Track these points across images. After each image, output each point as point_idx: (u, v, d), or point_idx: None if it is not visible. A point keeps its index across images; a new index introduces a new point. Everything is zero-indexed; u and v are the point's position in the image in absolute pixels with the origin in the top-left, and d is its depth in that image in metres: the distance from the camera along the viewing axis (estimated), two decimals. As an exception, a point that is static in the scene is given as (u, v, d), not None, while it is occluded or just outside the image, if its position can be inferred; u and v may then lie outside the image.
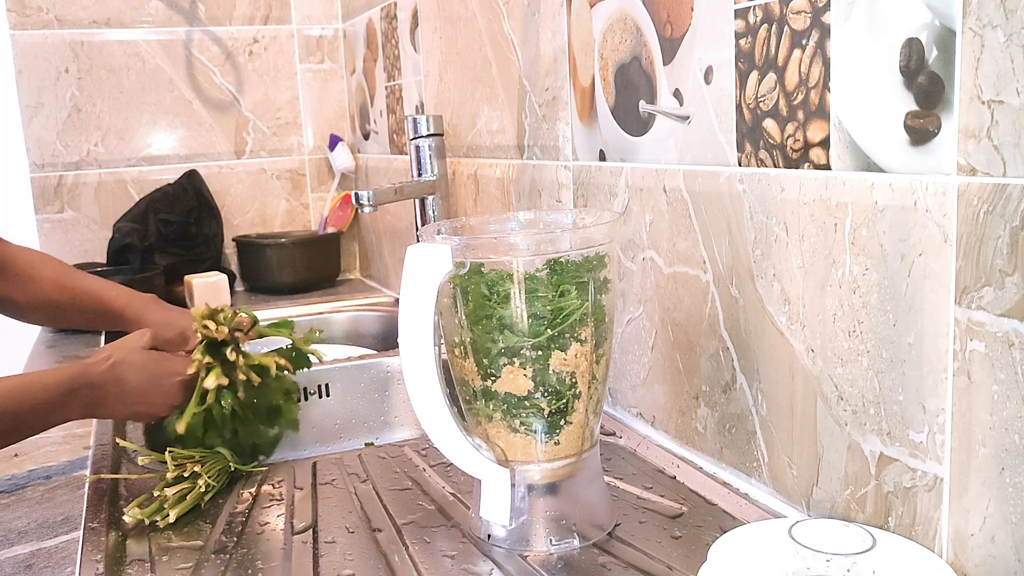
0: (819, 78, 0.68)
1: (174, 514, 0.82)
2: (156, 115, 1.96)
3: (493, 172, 1.29)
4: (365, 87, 1.93)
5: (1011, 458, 0.56)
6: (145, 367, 0.95)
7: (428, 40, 1.51)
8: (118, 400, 0.93)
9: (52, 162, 1.89)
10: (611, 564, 0.72)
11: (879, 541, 0.62)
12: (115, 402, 0.94)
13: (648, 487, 0.86)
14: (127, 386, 0.93)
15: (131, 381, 0.93)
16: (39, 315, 1.19)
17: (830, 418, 0.71)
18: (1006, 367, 0.55)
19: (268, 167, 2.06)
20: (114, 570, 0.75)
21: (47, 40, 1.86)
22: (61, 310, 1.13)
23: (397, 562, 0.74)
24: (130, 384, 0.93)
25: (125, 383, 0.93)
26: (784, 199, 0.73)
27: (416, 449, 1.00)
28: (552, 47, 1.08)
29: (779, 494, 0.78)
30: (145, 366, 0.95)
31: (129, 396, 0.94)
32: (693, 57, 0.82)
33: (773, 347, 0.76)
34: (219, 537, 0.81)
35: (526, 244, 0.74)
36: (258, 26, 2.01)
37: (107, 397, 0.93)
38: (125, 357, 0.94)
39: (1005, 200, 0.54)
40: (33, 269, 1.12)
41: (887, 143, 0.62)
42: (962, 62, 0.56)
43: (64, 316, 1.16)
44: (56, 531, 0.82)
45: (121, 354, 0.94)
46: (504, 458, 0.75)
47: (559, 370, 0.73)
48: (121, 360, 0.93)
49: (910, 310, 0.62)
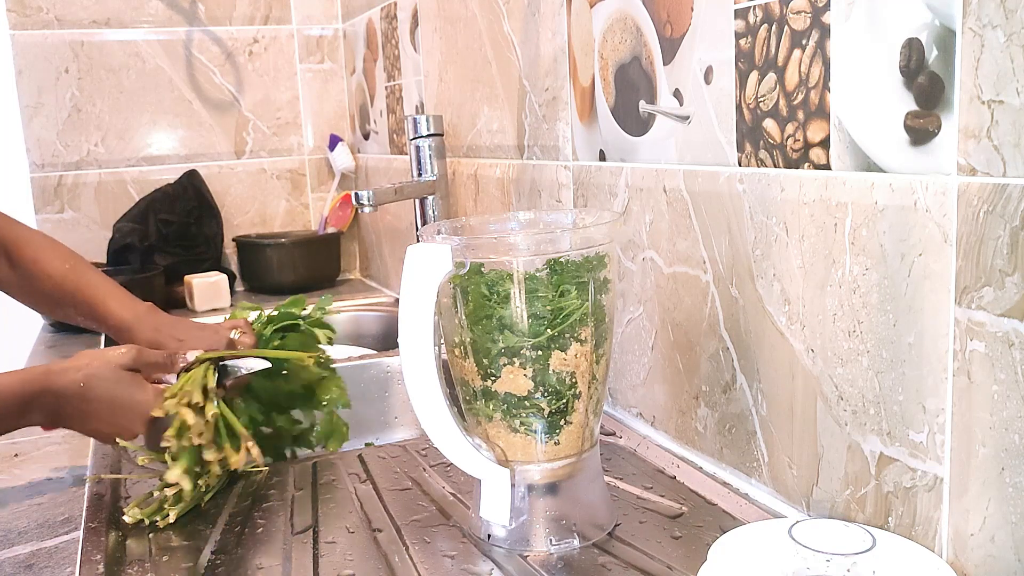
0: (819, 78, 0.68)
1: (174, 514, 0.82)
2: (156, 115, 1.96)
3: (493, 172, 1.29)
4: (365, 87, 1.93)
5: (1011, 458, 0.56)
6: (115, 388, 0.88)
7: (428, 40, 1.51)
8: (77, 416, 0.88)
9: (52, 162, 1.89)
10: (611, 564, 0.72)
11: (879, 541, 0.62)
12: (75, 416, 0.89)
13: (648, 487, 0.86)
14: (90, 405, 0.88)
15: (96, 400, 0.88)
16: (39, 307, 1.18)
17: (830, 418, 0.71)
18: (1006, 367, 0.55)
19: (268, 167, 2.06)
20: (114, 570, 0.75)
21: (47, 40, 1.86)
22: (61, 308, 1.11)
23: (397, 562, 0.74)
24: (93, 404, 0.88)
25: (89, 401, 0.87)
26: (784, 199, 0.73)
27: (416, 449, 1.00)
28: (552, 47, 1.08)
29: (779, 494, 0.78)
30: (115, 387, 0.88)
31: (90, 416, 0.88)
32: (693, 57, 0.82)
33: (773, 347, 0.76)
34: (219, 537, 0.81)
35: (526, 244, 0.74)
36: (258, 26, 2.01)
37: (68, 410, 0.88)
38: (99, 372, 0.88)
39: (1005, 200, 0.54)
40: (38, 264, 1.09)
41: (887, 143, 0.62)
42: (962, 62, 0.56)
43: (63, 315, 1.14)
44: (56, 531, 0.82)
45: (95, 367, 0.88)
46: (504, 458, 0.75)
47: (559, 370, 0.73)
48: (93, 374, 0.88)
49: (910, 310, 0.62)
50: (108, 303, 1.08)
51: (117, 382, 0.88)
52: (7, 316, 1.39)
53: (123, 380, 0.89)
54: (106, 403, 0.88)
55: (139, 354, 0.91)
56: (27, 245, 1.09)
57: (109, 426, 0.89)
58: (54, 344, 1.56)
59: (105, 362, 0.89)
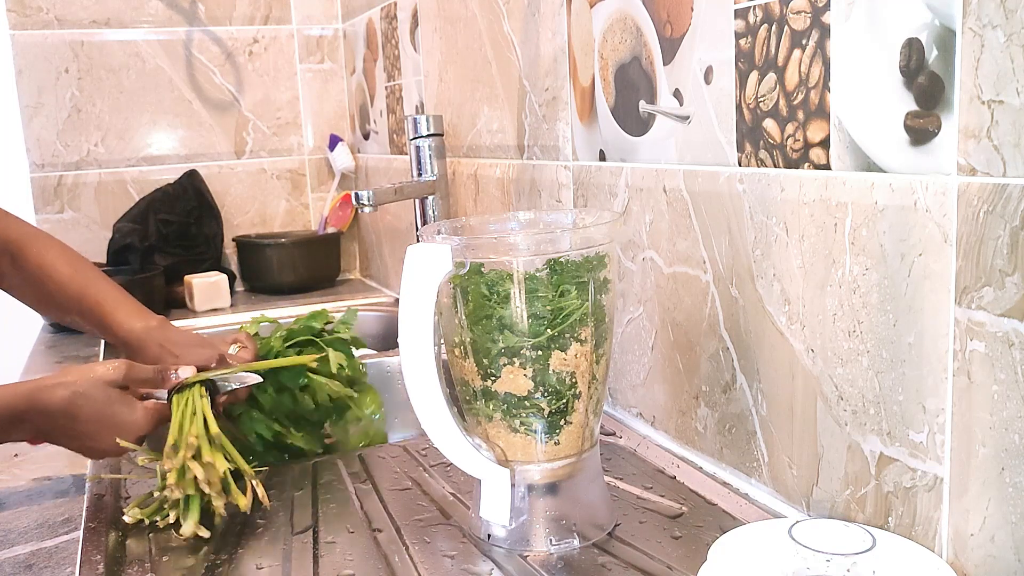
0: (819, 78, 0.68)
1: (174, 514, 0.82)
2: (156, 115, 1.96)
3: (493, 172, 1.29)
4: (365, 87, 1.93)
5: (1011, 458, 0.56)
6: (103, 407, 0.87)
7: (428, 40, 1.51)
8: (65, 434, 0.87)
9: (52, 162, 1.89)
10: (611, 564, 0.72)
11: (879, 541, 0.62)
12: (62, 435, 0.87)
13: (648, 487, 0.86)
14: (77, 424, 0.86)
15: (83, 419, 0.86)
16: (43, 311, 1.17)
17: (830, 418, 0.71)
18: (1006, 367, 0.55)
19: (268, 167, 2.06)
20: (114, 570, 0.75)
21: (47, 40, 1.86)
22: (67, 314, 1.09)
23: (397, 562, 0.74)
24: (80, 423, 0.86)
25: (76, 420, 0.86)
26: (784, 199, 0.73)
27: (416, 449, 1.00)
28: (552, 47, 1.08)
29: (779, 494, 0.78)
30: (103, 406, 0.87)
31: (77, 434, 0.87)
32: (693, 57, 0.82)
33: (773, 347, 0.76)
34: (219, 537, 0.81)
35: (526, 244, 0.74)
36: (258, 26, 2.01)
37: (55, 428, 0.87)
38: (86, 390, 0.86)
39: (1005, 200, 0.54)
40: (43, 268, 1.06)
41: (887, 143, 0.62)
42: (962, 62, 0.56)
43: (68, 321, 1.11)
44: (56, 531, 0.82)
45: (83, 385, 0.86)
46: (504, 458, 0.75)
47: (559, 370, 0.73)
48: (82, 392, 0.86)
49: (910, 310, 0.62)
50: (117, 314, 1.05)
51: (105, 401, 0.87)
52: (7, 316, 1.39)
53: (111, 399, 0.87)
54: (93, 422, 0.86)
55: (129, 370, 0.89)
56: (32, 245, 1.06)
57: (95, 443, 0.88)
58: (54, 344, 1.56)
59: (93, 380, 0.87)
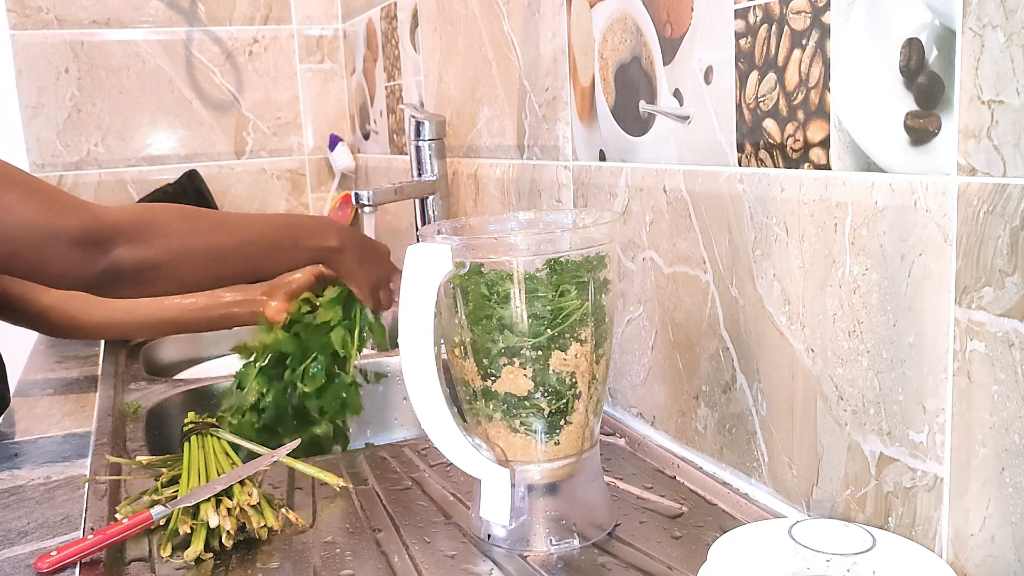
0: (819, 78, 0.68)
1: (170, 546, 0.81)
2: (156, 115, 1.96)
3: (493, 172, 1.29)
4: (365, 87, 1.93)
5: (1011, 458, 0.56)
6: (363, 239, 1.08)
7: (428, 40, 1.51)
8: (359, 250, 1.05)
9: (52, 162, 1.89)
10: (611, 564, 0.72)
11: (879, 541, 0.62)
12: (368, 249, 1.06)
13: (648, 487, 0.86)
14: (365, 241, 1.08)
15: (362, 243, 1.06)
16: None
17: (830, 418, 0.71)
18: (1006, 367, 0.55)
19: (268, 167, 2.06)
20: (114, 570, 0.75)
21: (47, 40, 1.86)
22: None
23: (397, 562, 0.74)
24: (365, 241, 1.08)
25: (359, 239, 1.07)
26: (784, 199, 0.73)
27: (416, 449, 1.00)
28: (552, 47, 1.08)
29: (779, 494, 0.78)
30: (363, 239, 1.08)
31: (368, 250, 1.06)
32: (693, 57, 0.82)
33: (773, 347, 0.76)
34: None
35: (526, 244, 0.74)
36: (258, 26, 2.01)
37: (361, 243, 1.06)
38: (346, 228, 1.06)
39: (1005, 200, 0.54)
40: None
41: (887, 143, 0.62)
42: (962, 62, 0.56)
43: None
44: (56, 531, 0.82)
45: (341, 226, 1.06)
46: (504, 458, 0.75)
47: (559, 370, 0.73)
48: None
49: (910, 310, 0.62)
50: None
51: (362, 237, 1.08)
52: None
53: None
54: (368, 248, 1.07)
55: None
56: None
57: (382, 267, 1.07)
58: (54, 344, 1.56)
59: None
